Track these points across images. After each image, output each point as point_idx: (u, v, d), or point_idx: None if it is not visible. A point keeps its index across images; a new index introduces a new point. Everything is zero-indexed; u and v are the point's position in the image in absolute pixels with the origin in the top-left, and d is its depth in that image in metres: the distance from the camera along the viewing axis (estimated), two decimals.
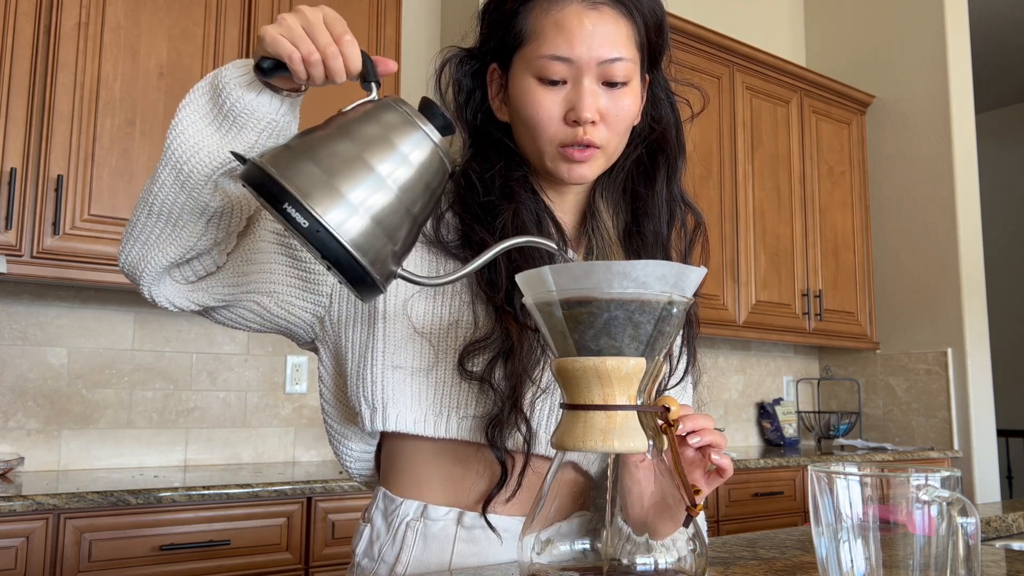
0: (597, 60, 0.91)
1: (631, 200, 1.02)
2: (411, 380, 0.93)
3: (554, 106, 0.92)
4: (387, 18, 2.72)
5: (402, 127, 0.77)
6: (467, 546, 0.93)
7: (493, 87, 1.00)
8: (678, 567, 0.70)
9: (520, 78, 0.94)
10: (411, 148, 0.76)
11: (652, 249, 1.01)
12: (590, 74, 0.91)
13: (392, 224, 0.74)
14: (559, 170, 0.95)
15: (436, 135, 0.78)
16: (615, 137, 0.95)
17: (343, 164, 0.73)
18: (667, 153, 1.02)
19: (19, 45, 2.13)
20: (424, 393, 0.93)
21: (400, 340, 0.94)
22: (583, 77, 0.91)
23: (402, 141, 0.76)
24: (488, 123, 1.01)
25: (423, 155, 0.76)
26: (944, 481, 0.59)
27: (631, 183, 1.03)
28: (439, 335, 0.94)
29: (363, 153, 0.74)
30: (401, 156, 0.75)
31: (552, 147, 0.94)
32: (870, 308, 4.18)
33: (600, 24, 0.91)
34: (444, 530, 0.93)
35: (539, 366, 0.92)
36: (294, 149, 0.74)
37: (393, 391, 0.93)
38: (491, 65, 1.00)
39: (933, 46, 4.10)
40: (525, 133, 0.96)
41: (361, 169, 0.73)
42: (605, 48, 0.91)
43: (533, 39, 0.93)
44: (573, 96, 0.92)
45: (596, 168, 0.95)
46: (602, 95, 0.92)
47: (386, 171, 0.74)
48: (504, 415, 0.89)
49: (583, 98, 0.91)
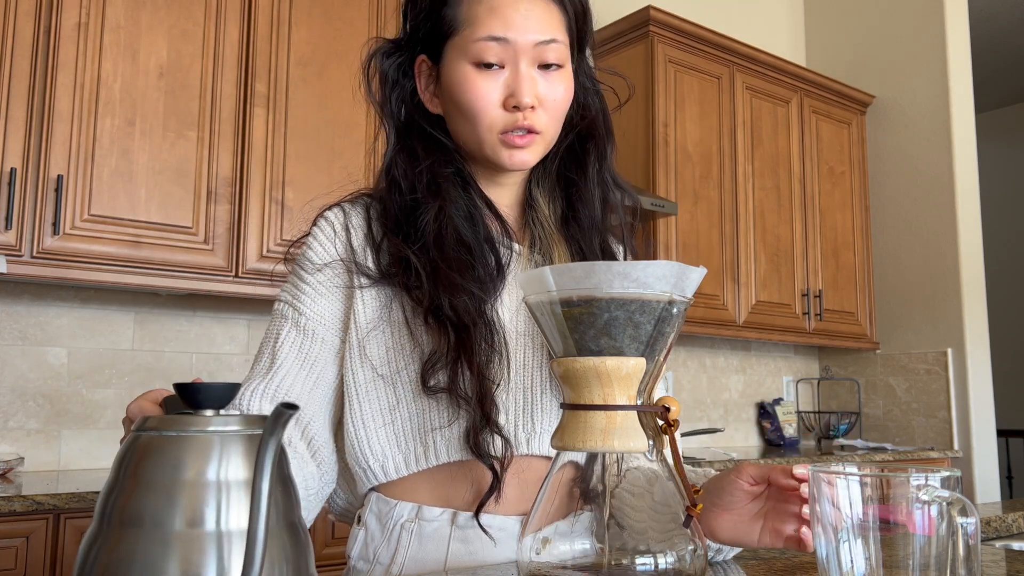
0: (533, 42, 0.92)
1: (565, 188, 1.03)
2: (390, 423, 0.94)
3: (492, 92, 0.92)
4: (387, 18, 2.72)
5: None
6: (462, 546, 0.93)
7: (422, 79, 1.00)
8: (678, 567, 0.70)
9: (455, 66, 0.94)
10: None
11: (589, 234, 1.02)
12: (526, 57, 0.92)
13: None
14: (500, 157, 0.95)
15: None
16: (553, 122, 0.96)
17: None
18: (595, 139, 1.03)
19: (19, 45, 2.13)
20: (406, 431, 0.93)
21: (368, 387, 0.94)
22: (520, 60, 0.92)
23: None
24: (416, 117, 1.00)
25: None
26: (944, 481, 0.59)
27: (564, 170, 1.04)
28: (400, 367, 0.93)
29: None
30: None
31: (492, 134, 0.94)
32: (870, 308, 4.18)
33: (533, 8, 0.93)
34: (439, 531, 0.93)
35: (493, 362, 0.91)
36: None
37: (380, 445, 0.94)
38: (419, 57, 0.99)
39: (933, 46, 4.10)
40: (462, 122, 0.95)
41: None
42: (540, 29, 0.92)
43: (467, 25, 0.93)
44: (511, 81, 0.92)
45: (536, 154, 0.96)
46: (539, 80, 0.93)
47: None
48: (478, 423, 0.89)
49: (522, 82, 0.92)
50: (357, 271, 0.96)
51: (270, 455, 0.51)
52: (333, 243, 0.98)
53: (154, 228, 2.26)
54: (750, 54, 3.75)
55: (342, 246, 0.98)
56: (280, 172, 2.47)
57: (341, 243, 0.98)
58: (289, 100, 2.51)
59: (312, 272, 0.98)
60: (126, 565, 0.52)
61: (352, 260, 0.96)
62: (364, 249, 0.97)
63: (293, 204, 2.49)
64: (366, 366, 0.94)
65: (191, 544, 0.52)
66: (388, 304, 0.95)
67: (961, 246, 3.95)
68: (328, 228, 0.99)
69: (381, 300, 0.95)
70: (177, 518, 0.53)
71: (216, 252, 2.35)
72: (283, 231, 2.47)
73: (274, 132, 2.48)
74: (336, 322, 0.97)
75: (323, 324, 0.97)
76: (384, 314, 0.95)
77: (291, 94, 2.51)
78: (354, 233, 0.98)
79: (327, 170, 2.56)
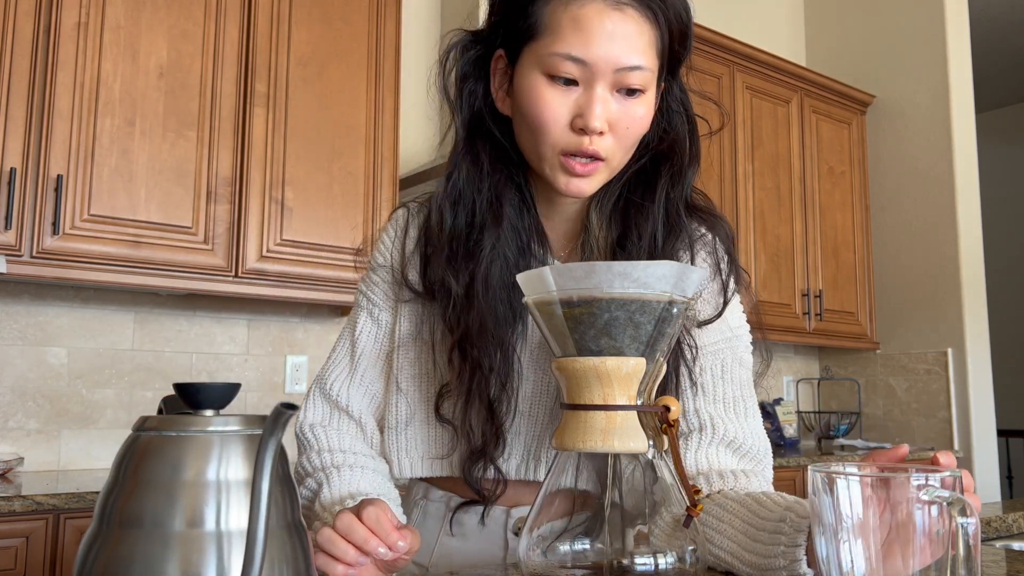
0: (614, 66, 0.84)
1: (624, 211, 0.96)
2: (404, 431, 1.00)
3: (561, 108, 0.85)
4: (387, 18, 2.72)
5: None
6: (454, 536, 0.99)
7: (497, 77, 0.94)
8: (678, 567, 0.70)
9: (528, 73, 0.87)
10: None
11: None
12: (604, 80, 0.84)
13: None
14: (556, 180, 0.89)
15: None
16: (621, 150, 0.89)
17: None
18: (672, 162, 0.95)
19: (19, 45, 2.13)
20: (416, 443, 0.99)
21: (392, 392, 1.00)
22: (596, 82, 0.84)
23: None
24: (486, 116, 0.95)
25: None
26: (944, 481, 0.59)
27: (628, 193, 0.96)
28: (419, 384, 0.99)
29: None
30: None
31: (553, 153, 0.87)
32: (870, 308, 4.18)
33: (622, 26, 0.84)
34: (437, 511, 1.00)
35: (502, 401, 0.93)
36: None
37: (397, 445, 1.00)
38: (497, 51, 0.93)
39: (933, 46, 4.10)
40: (527, 133, 0.89)
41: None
42: (624, 54, 0.84)
43: (547, 33, 0.85)
44: (583, 101, 0.85)
45: (596, 183, 0.89)
46: (613, 102, 0.86)
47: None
48: (475, 456, 0.93)
49: (593, 105, 0.84)
50: (403, 283, 0.99)
51: (270, 455, 0.51)
52: (391, 248, 1.02)
53: (154, 228, 2.26)
54: (750, 54, 3.75)
55: (397, 253, 1.01)
56: (280, 172, 2.47)
57: (397, 250, 1.02)
58: (289, 100, 2.51)
59: (376, 269, 1.04)
60: (126, 565, 0.52)
61: (401, 271, 1.00)
62: (413, 259, 0.99)
63: (293, 204, 2.49)
64: (393, 375, 1.00)
65: (191, 544, 0.52)
66: (421, 322, 0.99)
67: (961, 246, 3.94)
68: (391, 230, 1.03)
69: (416, 315, 0.99)
70: (177, 518, 0.53)
71: (216, 252, 2.35)
72: (283, 231, 2.47)
73: (274, 132, 2.48)
74: (395, 316, 1.02)
75: (390, 313, 1.02)
76: (416, 331, 0.99)
77: (291, 94, 2.51)
78: (409, 241, 1.01)
79: (327, 170, 2.56)
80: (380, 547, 0.73)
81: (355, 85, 2.64)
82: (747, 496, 0.86)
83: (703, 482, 0.92)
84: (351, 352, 1.02)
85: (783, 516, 0.77)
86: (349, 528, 0.74)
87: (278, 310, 2.80)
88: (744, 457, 0.94)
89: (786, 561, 0.75)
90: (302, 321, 2.86)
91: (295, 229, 2.49)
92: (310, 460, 0.98)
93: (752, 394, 0.98)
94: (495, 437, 0.92)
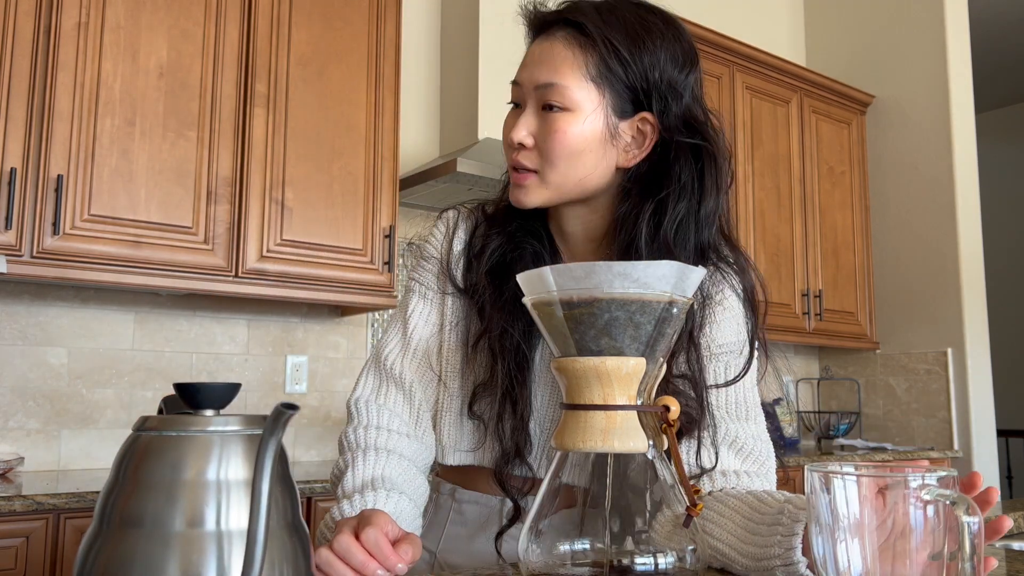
0: (534, 84, 0.94)
1: (626, 247, 0.95)
2: (455, 421, 1.03)
3: (508, 129, 0.97)
4: (387, 18, 2.72)
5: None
6: (457, 522, 1.04)
7: None
8: (678, 567, 0.70)
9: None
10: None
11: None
12: (531, 98, 0.95)
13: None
14: (510, 191, 0.98)
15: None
16: (549, 164, 0.93)
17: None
18: (652, 192, 0.93)
19: (19, 45, 2.13)
20: (465, 433, 1.03)
21: (431, 378, 1.05)
22: (527, 101, 0.95)
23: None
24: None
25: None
26: (940, 481, 0.59)
27: (638, 239, 0.94)
28: (451, 377, 1.03)
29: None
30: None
31: (509, 168, 0.98)
32: (870, 308, 4.18)
33: (548, 50, 0.94)
34: (446, 502, 1.05)
35: (536, 401, 0.97)
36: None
37: (448, 433, 1.04)
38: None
39: (933, 46, 4.10)
40: None
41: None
42: (542, 73, 0.93)
43: None
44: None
45: (534, 196, 0.96)
46: (537, 119, 0.95)
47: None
48: (509, 457, 0.96)
49: (517, 122, 0.95)
50: (449, 279, 1.04)
51: (270, 455, 0.51)
52: (441, 242, 1.08)
53: (154, 228, 2.26)
54: (750, 54, 3.75)
55: (445, 250, 1.08)
56: (280, 172, 2.47)
57: (445, 247, 1.08)
58: (289, 100, 2.51)
59: (428, 259, 1.10)
60: (126, 565, 0.52)
61: (447, 267, 1.06)
62: (459, 259, 1.05)
63: (293, 204, 2.49)
64: (440, 365, 1.05)
65: (191, 544, 0.52)
66: (460, 318, 1.04)
67: (961, 246, 3.94)
68: (442, 226, 1.09)
69: (458, 311, 1.04)
70: (177, 518, 0.53)
71: (216, 252, 2.35)
72: (283, 231, 2.47)
73: (274, 132, 2.48)
74: (443, 304, 1.07)
75: (440, 297, 1.07)
76: (456, 324, 1.05)
77: (291, 94, 2.51)
78: (457, 241, 1.06)
79: (327, 170, 2.56)
80: (379, 570, 0.74)
81: (355, 85, 2.64)
82: (747, 493, 0.89)
83: (705, 481, 0.94)
84: (403, 329, 1.07)
85: (782, 508, 0.80)
86: (347, 551, 0.75)
87: (278, 310, 2.80)
88: (747, 459, 0.97)
89: (781, 550, 0.77)
90: (302, 321, 2.86)
91: (295, 229, 2.49)
92: (352, 434, 1.01)
93: (756, 399, 1.01)
94: (526, 437, 0.95)
